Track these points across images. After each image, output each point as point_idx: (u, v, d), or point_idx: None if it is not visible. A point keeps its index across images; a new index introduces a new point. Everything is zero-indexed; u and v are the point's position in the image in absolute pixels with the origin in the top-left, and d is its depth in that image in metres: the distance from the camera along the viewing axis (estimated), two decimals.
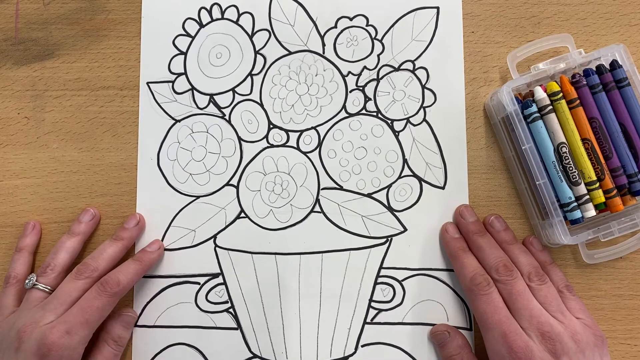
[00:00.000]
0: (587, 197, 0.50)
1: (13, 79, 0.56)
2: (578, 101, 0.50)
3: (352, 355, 0.53)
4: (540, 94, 0.51)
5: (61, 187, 0.55)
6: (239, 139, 0.55)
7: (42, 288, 0.49)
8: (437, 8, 0.56)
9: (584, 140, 0.50)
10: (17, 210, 0.54)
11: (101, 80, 0.56)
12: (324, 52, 0.55)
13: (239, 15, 0.56)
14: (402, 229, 0.54)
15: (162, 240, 0.54)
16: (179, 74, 0.55)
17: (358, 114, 0.55)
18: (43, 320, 0.46)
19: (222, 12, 0.56)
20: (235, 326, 0.53)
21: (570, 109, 0.50)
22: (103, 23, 0.56)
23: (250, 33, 0.56)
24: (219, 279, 0.53)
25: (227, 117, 0.55)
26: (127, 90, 0.55)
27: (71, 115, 0.55)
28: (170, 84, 0.55)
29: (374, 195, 0.54)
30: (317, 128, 0.55)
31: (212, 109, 0.55)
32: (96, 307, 0.47)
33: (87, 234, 0.53)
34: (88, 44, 0.56)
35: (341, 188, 0.54)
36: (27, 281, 0.50)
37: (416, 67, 0.55)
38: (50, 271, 0.50)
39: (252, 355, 0.53)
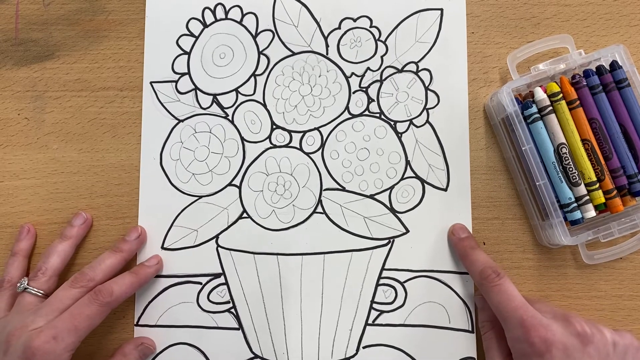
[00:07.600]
0: (587, 197, 0.50)
1: (13, 79, 0.55)
2: (578, 102, 0.51)
3: (353, 356, 0.53)
4: (540, 94, 0.51)
5: (61, 188, 0.54)
6: (242, 139, 0.55)
7: (33, 292, 0.49)
8: (441, 10, 0.56)
9: (584, 141, 0.50)
10: (17, 211, 0.54)
11: (101, 81, 0.55)
12: (327, 53, 0.56)
13: (243, 15, 0.56)
14: (404, 231, 0.54)
15: (164, 240, 0.54)
16: (183, 74, 0.55)
17: (361, 115, 0.55)
18: (33, 324, 0.46)
19: (226, 13, 0.56)
20: (237, 326, 0.53)
21: (570, 109, 0.51)
22: (103, 24, 0.56)
23: (253, 33, 0.56)
24: (221, 279, 0.53)
25: (230, 118, 0.55)
26: (127, 91, 0.55)
27: (71, 116, 0.55)
28: (174, 83, 0.55)
29: (376, 197, 0.54)
30: (320, 129, 0.55)
31: (215, 109, 0.55)
32: (86, 314, 0.47)
33: (79, 238, 0.53)
34: (88, 45, 0.56)
35: (343, 189, 0.54)
36: (18, 285, 0.50)
37: (419, 69, 0.55)
38: (42, 275, 0.50)
39: (253, 355, 0.52)
